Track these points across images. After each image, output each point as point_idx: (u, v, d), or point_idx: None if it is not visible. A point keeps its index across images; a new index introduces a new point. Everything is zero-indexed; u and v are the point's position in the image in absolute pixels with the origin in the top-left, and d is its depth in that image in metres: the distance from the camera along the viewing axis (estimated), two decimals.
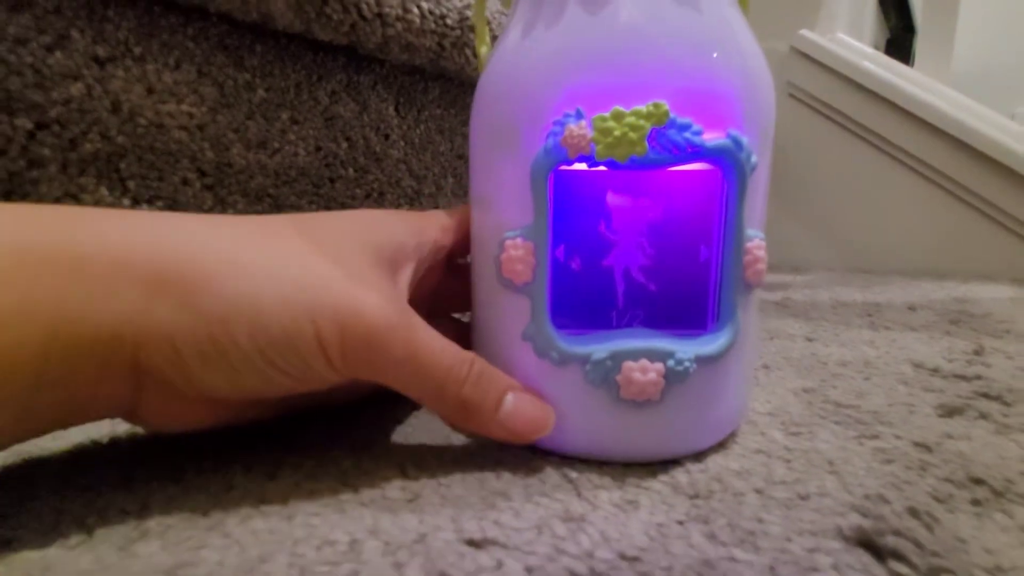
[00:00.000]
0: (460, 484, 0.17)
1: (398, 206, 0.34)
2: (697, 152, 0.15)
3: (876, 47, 1.10)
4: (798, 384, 0.27)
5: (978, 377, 0.27)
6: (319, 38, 0.27)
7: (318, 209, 0.25)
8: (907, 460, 0.18)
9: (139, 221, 0.15)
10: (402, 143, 0.33)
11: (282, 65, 0.27)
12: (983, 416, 0.23)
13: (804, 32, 0.71)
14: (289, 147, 0.28)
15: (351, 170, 0.31)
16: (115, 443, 0.19)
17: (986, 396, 0.25)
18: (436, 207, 0.37)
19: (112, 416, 0.16)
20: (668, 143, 0.15)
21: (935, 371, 0.29)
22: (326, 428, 0.21)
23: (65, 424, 0.15)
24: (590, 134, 0.15)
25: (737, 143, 0.15)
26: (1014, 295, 0.53)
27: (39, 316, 0.12)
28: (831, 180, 0.73)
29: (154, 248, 0.14)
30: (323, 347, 0.15)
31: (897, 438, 0.20)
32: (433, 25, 0.29)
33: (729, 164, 0.16)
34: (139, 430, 0.20)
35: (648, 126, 0.15)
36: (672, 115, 0.15)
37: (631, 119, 0.15)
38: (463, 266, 0.24)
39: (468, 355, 0.17)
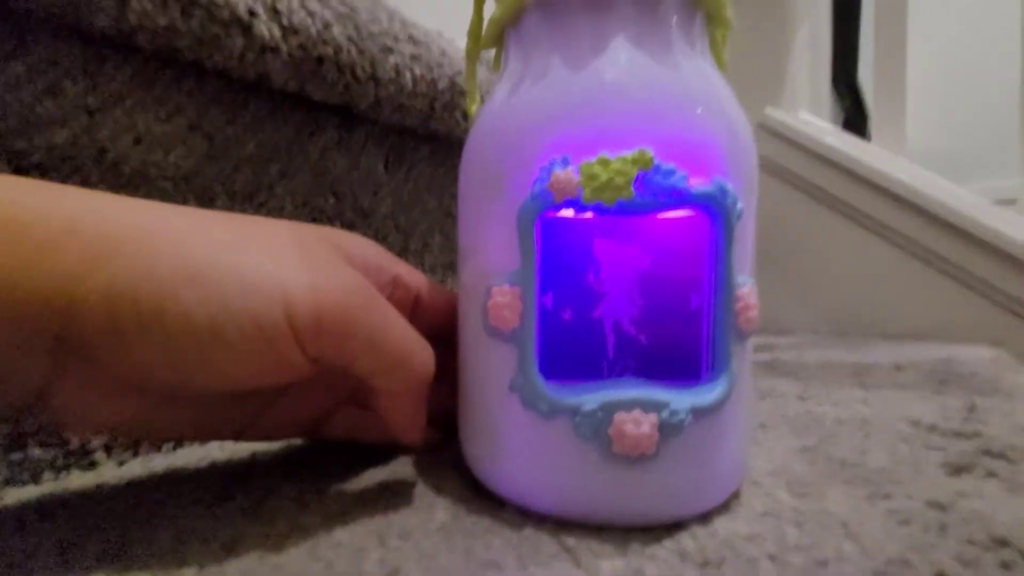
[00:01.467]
0: (446, 555, 0.15)
1: None
2: (683, 197, 0.15)
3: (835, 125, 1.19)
4: (797, 443, 0.26)
5: (977, 434, 0.27)
6: (313, 97, 0.28)
7: None
8: (924, 520, 0.17)
9: (97, 195, 0.14)
10: (390, 199, 0.34)
11: (274, 121, 0.28)
12: (991, 474, 0.22)
13: (769, 110, 0.77)
14: (275, 200, 0.28)
15: (338, 223, 0.31)
16: (51, 515, 0.17)
17: (989, 454, 0.24)
18: (423, 262, 0.37)
19: (23, 401, 0.14)
20: (654, 188, 0.15)
21: (933, 428, 0.28)
22: (297, 494, 0.19)
23: None
24: (577, 178, 0.15)
25: (722, 190, 0.16)
26: (994, 356, 0.54)
27: None
28: (807, 248, 0.76)
29: (104, 217, 0.13)
30: (292, 324, 0.14)
31: (909, 497, 0.19)
32: (424, 88, 0.31)
33: (716, 210, 0.16)
34: (77, 503, 0.18)
35: (634, 171, 0.15)
36: (657, 161, 0.15)
37: (617, 164, 0.15)
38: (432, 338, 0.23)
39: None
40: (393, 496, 0.19)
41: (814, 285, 0.75)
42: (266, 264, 0.14)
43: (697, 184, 0.16)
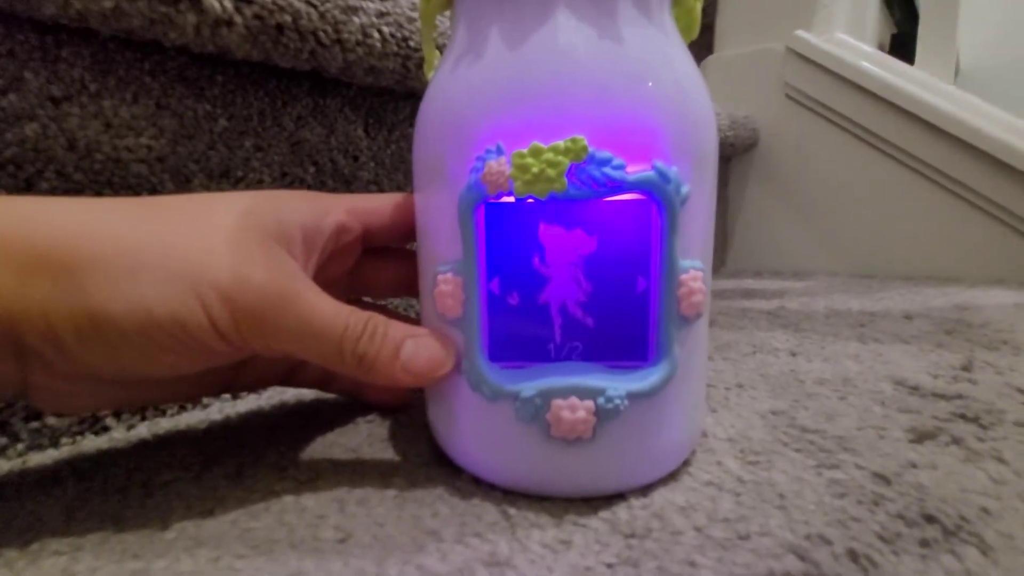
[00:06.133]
0: (395, 522, 0.17)
1: None
2: (618, 186, 0.15)
3: (882, 44, 1.08)
4: (768, 405, 0.26)
5: (959, 396, 0.26)
6: (280, 65, 0.27)
7: None
8: (861, 493, 0.18)
9: (16, 205, 0.15)
10: (372, 164, 0.33)
11: (244, 93, 0.27)
12: (955, 441, 0.22)
13: (800, 33, 0.70)
14: (253, 174, 0.28)
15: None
16: (62, 480, 0.20)
17: (963, 417, 0.24)
18: None
19: (11, 395, 0.16)
20: (588, 178, 0.14)
21: (915, 389, 0.28)
22: (276, 460, 0.21)
23: None
24: (509, 171, 0.15)
25: (663, 175, 0.15)
26: (1020, 300, 0.51)
27: None
28: (832, 183, 0.72)
29: (31, 230, 0.14)
30: (213, 321, 0.15)
31: (857, 468, 0.20)
32: (396, 48, 0.29)
33: (656, 196, 0.15)
34: (85, 468, 0.21)
35: (566, 162, 0.14)
36: (591, 149, 0.14)
37: (549, 155, 0.14)
38: (396, 251, 0.24)
39: (366, 314, 0.17)
40: (362, 461, 0.21)
41: (837, 223, 0.72)
42: (183, 266, 0.15)
43: (636, 171, 0.15)
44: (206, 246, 0.16)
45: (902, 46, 0.93)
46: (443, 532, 0.16)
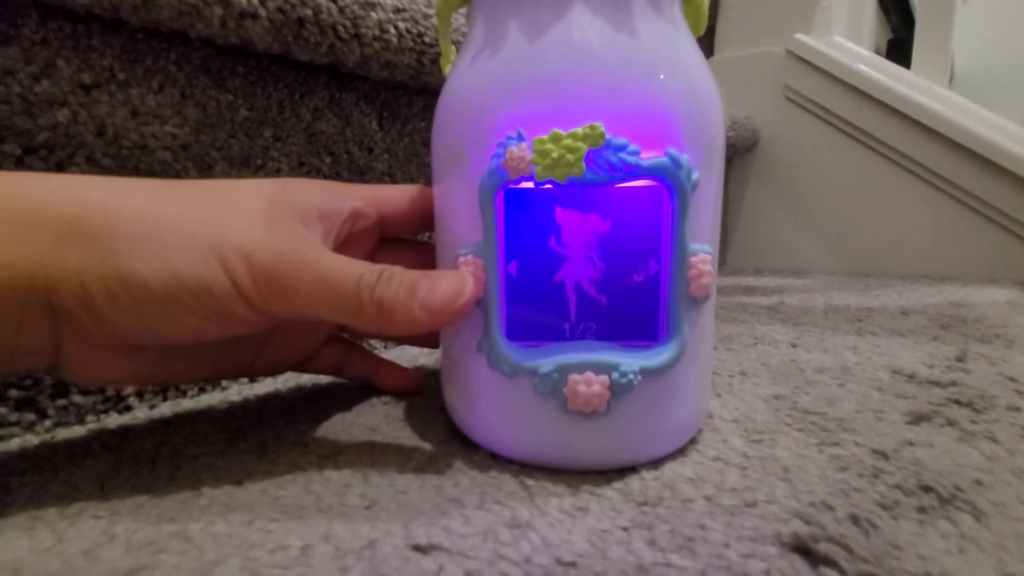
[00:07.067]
0: (418, 491, 0.17)
1: None
2: (634, 171, 0.15)
3: (879, 48, 1.09)
4: (770, 391, 0.27)
5: (953, 384, 0.27)
6: (300, 58, 0.28)
7: None
8: (861, 467, 0.19)
9: (51, 178, 0.16)
10: (386, 156, 0.34)
11: (264, 85, 0.28)
12: (950, 423, 0.23)
13: (799, 36, 0.71)
14: (272, 163, 0.29)
15: None
16: (92, 452, 0.20)
17: (957, 402, 0.25)
18: None
19: (38, 368, 0.17)
20: (605, 163, 0.15)
21: (912, 377, 0.29)
22: (298, 437, 0.22)
23: None
24: (530, 156, 0.15)
25: (675, 161, 0.16)
26: (1013, 298, 0.53)
27: None
28: (831, 184, 0.73)
29: (64, 198, 0.15)
30: (234, 281, 0.16)
31: (857, 445, 0.21)
32: (411, 43, 0.30)
33: (668, 182, 0.16)
34: (114, 443, 0.21)
35: (584, 147, 0.15)
36: (608, 136, 0.15)
37: (568, 141, 0.15)
38: (411, 242, 0.25)
39: (379, 265, 0.18)
40: (380, 439, 0.21)
41: (835, 223, 0.73)
42: (203, 229, 0.16)
43: (649, 157, 0.16)
44: (226, 218, 0.17)
45: (899, 50, 0.95)
46: (465, 500, 0.17)
